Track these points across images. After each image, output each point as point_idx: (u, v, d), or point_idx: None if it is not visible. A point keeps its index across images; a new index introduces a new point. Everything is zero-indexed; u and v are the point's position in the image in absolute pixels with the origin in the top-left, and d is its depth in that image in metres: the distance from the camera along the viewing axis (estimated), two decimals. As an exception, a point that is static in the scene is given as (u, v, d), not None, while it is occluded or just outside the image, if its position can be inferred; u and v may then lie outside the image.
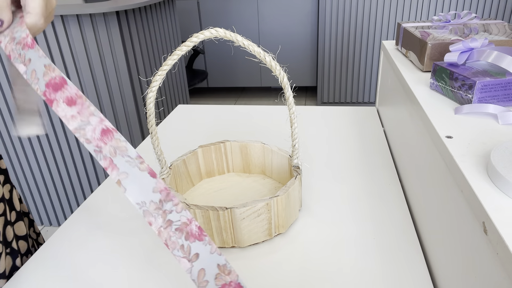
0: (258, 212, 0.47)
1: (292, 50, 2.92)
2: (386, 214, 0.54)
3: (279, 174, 0.61)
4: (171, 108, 2.07)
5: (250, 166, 0.64)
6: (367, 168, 0.66)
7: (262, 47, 0.45)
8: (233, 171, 0.64)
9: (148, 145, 0.78)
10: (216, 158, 0.62)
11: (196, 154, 0.60)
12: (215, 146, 0.61)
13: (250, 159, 0.63)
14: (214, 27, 0.42)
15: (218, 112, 0.93)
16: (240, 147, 0.62)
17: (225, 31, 0.42)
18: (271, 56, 0.45)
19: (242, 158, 0.63)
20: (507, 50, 0.54)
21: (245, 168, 0.64)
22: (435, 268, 0.45)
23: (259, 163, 0.63)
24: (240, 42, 0.43)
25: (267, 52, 0.45)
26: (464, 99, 0.49)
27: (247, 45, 0.43)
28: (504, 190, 0.32)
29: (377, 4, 2.55)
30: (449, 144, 0.40)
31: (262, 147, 0.61)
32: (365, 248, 0.48)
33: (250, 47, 0.43)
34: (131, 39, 1.63)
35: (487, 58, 0.49)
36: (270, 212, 0.47)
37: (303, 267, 0.46)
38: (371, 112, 0.88)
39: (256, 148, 0.62)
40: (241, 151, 0.62)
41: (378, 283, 0.43)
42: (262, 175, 0.63)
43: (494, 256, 0.29)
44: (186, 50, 0.43)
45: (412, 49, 0.69)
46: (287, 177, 0.59)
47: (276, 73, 0.47)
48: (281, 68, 0.47)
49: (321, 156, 0.70)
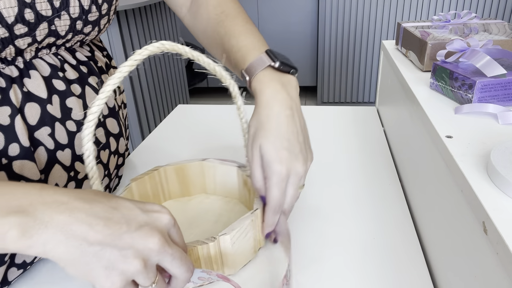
0: (246, 231, 0.44)
1: (292, 50, 2.92)
2: (386, 214, 0.54)
3: (225, 188, 0.57)
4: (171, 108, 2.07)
5: (189, 188, 0.59)
6: (367, 168, 0.66)
7: (211, 57, 0.44)
8: (170, 198, 0.58)
9: (148, 146, 0.78)
10: (151, 189, 0.55)
11: (131, 190, 0.52)
12: (149, 176, 0.54)
13: (189, 180, 0.58)
14: (161, 41, 0.38)
15: (218, 112, 0.93)
16: (175, 170, 0.57)
17: (172, 43, 0.39)
18: (221, 66, 0.45)
19: (179, 182, 0.58)
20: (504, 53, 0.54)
21: (183, 192, 0.59)
22: (435, 268, 0.45)
23: (199, 183, 0.58)
24: (188, 54, 0.41)
25: (217, 62, 0.44)
26: (464, 98, 0.49)
27: (196, 56, 0.42)
28: (504, 190, 0.32)
29: (377, 4, 2.55)
30: (449, 144, 0.40)
31: (200, 165, 0.57)
32: (365, 248, 0.48)
33: (200, 58, 0.42)
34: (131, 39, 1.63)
35: (476, 62, 0.49)
36: (255, 228, 0.45)
37: (302, 267, 0.46)
38: (371, 112, 0.88)
39: (194, 167, 0.57)
40: (177, 174, 0.57)
41: (378, 283, 0.43)
42: (204, 194, 0.59)
43: (494, 256, 0.29)
44: (128, 70, 0.37)
45: (412, 49, 0.69)
46: (235, 188, 0.56)
47: (227, 83, 0.46)
48: (231, 77, 0.47)
49: (320, 156, 0.70)
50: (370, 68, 2.76)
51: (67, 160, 0.45)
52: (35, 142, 0.42)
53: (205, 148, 0.75)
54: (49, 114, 0.43)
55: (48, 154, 0.44)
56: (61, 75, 0.46)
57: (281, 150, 0.42)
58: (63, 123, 0.45)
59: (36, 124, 0.42)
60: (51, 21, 0.42)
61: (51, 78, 0.45)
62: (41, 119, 0.43)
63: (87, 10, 0.46)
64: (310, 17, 2.80)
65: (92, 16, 0.47)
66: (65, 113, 0.45)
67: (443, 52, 0.58)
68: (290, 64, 0.46)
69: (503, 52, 0.54)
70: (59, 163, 0.45)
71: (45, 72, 0.44)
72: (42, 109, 0.43)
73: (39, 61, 0.44)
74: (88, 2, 0.46)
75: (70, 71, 0.47)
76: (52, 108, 0.44)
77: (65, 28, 0.44)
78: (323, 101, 2.91)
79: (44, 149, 0.43)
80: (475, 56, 0.50)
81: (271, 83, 0.45)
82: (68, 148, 0.45)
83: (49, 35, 0.43)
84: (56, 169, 0.44)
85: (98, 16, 0.48)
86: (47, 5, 0.41)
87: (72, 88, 0.47)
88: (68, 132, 0.45)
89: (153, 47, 0.38)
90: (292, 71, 0.47)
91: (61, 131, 0.45)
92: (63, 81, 0.46)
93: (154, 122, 1.91)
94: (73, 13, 0.44)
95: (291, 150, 0.43)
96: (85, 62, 0.50)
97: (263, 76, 0.45)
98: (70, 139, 0.46)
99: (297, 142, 0.43)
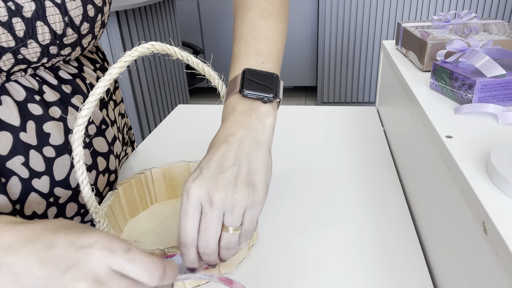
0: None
1: (292, 50, 2.92)
2: (386, 214, 0.54)
3: None
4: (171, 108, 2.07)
5: (176, 190, 0.58)
6: (367, 168, 0.66)
7: (200, 58, 0.44)
8: (157, 201, 0.58)
9: (148, 146, 0.78)
10: (138, 193, 0.55)
11: (118, 195, 0.52)
12: (135, 180, 0.54)
13: (175, 182, 0.58)
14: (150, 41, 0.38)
15: (218, 112, 0.93)
16: (162, 172, 0.57)
17: (161, 44, 0.39)
18: (209, 66, 0.44)
19: (166, 184, 0.58)
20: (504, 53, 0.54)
21: (170, 194, 0.59)
22: (435, 268, 0.45)
23: None
24: (178, 54, 0.41)
25: (205, 62, 0.44)
26: (464, 98, 0.49)
27: (185, 57, 0.42)
28: (504, 190, 0.32)
29: (377, 4, 2.55)
30: (449, 144, 0.40)
31: (187, 166, 0.57)
32: (365, 248, 0.48)
33: (189, 59, 0.42)
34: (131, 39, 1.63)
35: (475, 62, 0.49)
36: None
37: (302, 267, 0.46)
38: (371, 112, 0.88)
39: (181, 168, 0.57)
40: (164, 176, 0.57)
41: (378, 283, 0.43)
42: None
43: (494, 256, 0.29)
44: (118, 72, 0.36)
45: (412, 49, 0.69)
46: None
47: (215, 83, 0.46)
48: (219, 77, 0.46)
49: (321, 156, 0.70)
50: (370, 68, 2.76)
51: (45, 187, 0.43)
52: (7, 173, 0.40)
53: (205, 148, 0.75)
54: (22, 142, 0.41)
55: (22, 184, 0.41)
56: (37, 99, 0.43)
57: (197, 170, 0.37)
58: (40, 150, 0.42)
59: (7, 154, 0.40)
60: (16, 51, 0.39)
61: (27, 103, 0.42)
62: (13, 148, 0.40)
63: (61, 34, 0.42)
64: (310, 17, 2.80)
65: (69, 39, 0.43)
66: (42, 139, 0.43)
67: (443, 52, 0.58)
68: (263, 91, 0.41)
69: (503, 52, 0.54)
70: (36, 191, 0.43)
71: (19, 96, 0.41)
72: (14, 138, 0.40)
73: (13, 85, 0.41)
74: (61, 26, 0.41)
75: (49, 93, 0.44)
76: (26, 136, 0.41)
77: (36, 55, 0.41)
78: (323, 101, 2.91)
79: (18, 179, 0.41)
80: (475, 56, 0.50)
81: (230, 112, 0.41)
82: (46, 175, 0.43)
83: (16, 63, 0.40)
84: (33, 197, 0.42)
85: (77, 37, 0.44)
86: (8, 36, 0.37)
87: (51, 112, 0.44)
88: (45, 159, 0.43)
89: (142, 48, 0.38)
90: (263, 99, 0.41)
91: (36, 158, 0.42)
92: (40, 104, 0.43)
93: (154, 122, 1.91)
94: (43, 40, 0.40)
95: (210, 171, 0.36)
96: (69, 80, 0.47)
97: (228, 103, 0.42)
98: (48, 166, 0.43)
99: (221, 167, 0.37)
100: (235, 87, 0.42)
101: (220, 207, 0.35)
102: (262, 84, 0.41)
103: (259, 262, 0.47)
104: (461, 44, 0.55)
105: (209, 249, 0.36)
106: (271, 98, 0.41)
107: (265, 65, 0.43)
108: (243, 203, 0.36)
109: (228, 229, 0.36)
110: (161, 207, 0.57)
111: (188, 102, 2.40)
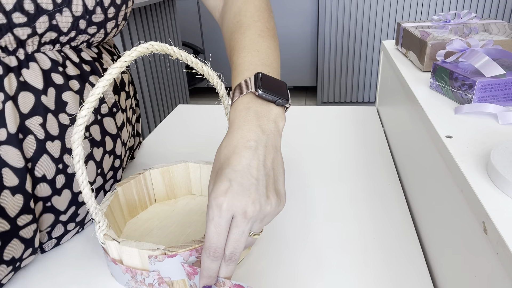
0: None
1: (292, 50, 2.92)
2: (386, 214, 0.54)
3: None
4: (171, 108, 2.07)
5: (174, 190, 0.59)
6: (367, 168, 0.66)
7: (199, 58, 0.44)
8: (156, 201, 0.58)
9: (148, 145, 0.78)
10: (137, 193, 0.55)
11: (117, 195, 0.52)
12: (135, 180, 0.54)
13: (174, 182, 0.58)
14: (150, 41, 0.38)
15: (218, 112, 0.93)
16: (161, 173, 0.57)
17: (161, 44, 0.38)
18: (208, 66, 0.45)
19: (165, 184, 0.58)
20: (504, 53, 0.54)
21: (169, 194, 0.59)
22: (435, 268, 0.45)
23: (185, 184, 0.59)
24: (177, 54, 0.41)
25: (205, 62, 0.44)
26: (464, 98, 0.49)
27: (184, 56, 0.42)
28: (504, 190, 0.32)
29: (377, 4, 2.55)
30: (449, 144, 0.40)
31: (186, 166, 0.57)
32: (365, 248, 0.48)
33: (188, 58, 0.42)
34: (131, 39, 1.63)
35: (475, 62, 0.49)
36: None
37: (301, 267, 0.46)
38: (371, 112, 0.88)
39: (179, 169, 0.58)
40: (163, 177, 0.57)
41: (378, 283, 0.43)
42: (190, 196, 0.59)
43: (494, 256, 0.29)
44: (118, 72, 0.36)
45: (412, 49, 0.69)
46: None
47: (214, 83, 0.46)
48: (218, 77, 0.46)
49: (321, 156, 0.70)
50: (370, 68, 2.76)
51: (56, 151, 0.46)
52: (25, 131, 0.43)
53: (205, 148, 0.75)
54: (43, 104, 0.44)
55: (37, 144, 0.44)
56: (60, 70, 0.46)
57: (224, 181, 0.36)
58: (56, 115, 0.45)
59: (28, 112, 0.43)
60: (52, 15, 0.43)
61: (50, 72, 0.45)
62: (34, 108, 0.43)
63: (91, 10, 0.46)
64: (310, 17, 2.80)
65: (97, 17, 0.47)
66: (59, 106, 0.46)
67: (443, 52, 0.58)
68: (277, 93, 0.42)
69: (503, 52, 0.54)
70: (48, 153, 0.45)
71: (45, 65, 0.45)
72: (36, 99, 0.44)
73: (41, 55, 0.45)
74: (93, 3, 0.46)
75: (71, 68, 0.48)
76: (46, 99, 0.44)
77: (67, 24, 0.45)
78: (323, 101, 2.91)
79: (34, 138, 0.44)
80: (474, 56, 0.50)
81: (243, 112, 0.41)
82: (58, 140, 0.46)
83: (50, 29, 0.43)
84: (44, 159, 0.45)
85: (104, 18, 0.48)
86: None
87: (70, 84, 0.47)
88: (59, 124, 0.46)
89: (142, 48, 0.38)
90: (277, 101, 0.42)
91: (52, 122, 0.45)
92: (62, 75, 0.46)
93: (154, 122, 1.91)
94: (76, 11, 0.45)
95: (240, 183, 0.36)
96: (89, 61, 0.51)
97: (240, 103, 0.42)
98: (61, 131, 0.46)
99: (251, 177, 0.36)
100: (247, 88, 0.42)
101: (253, 220, 0.36)
102: (275, 88, 0.42)
103: (259, 262, 0.47)
104: (461, 44, 0.55)
105: (234, 257, 0.37)
106: (284, 101, 0.42)
107: (272, 76, 0.45)
108: (273, 213, 0.37)
109: (250, 235, 0.38)
110: (160, 207, 0.57)
111: (188, 102, 2.40)
